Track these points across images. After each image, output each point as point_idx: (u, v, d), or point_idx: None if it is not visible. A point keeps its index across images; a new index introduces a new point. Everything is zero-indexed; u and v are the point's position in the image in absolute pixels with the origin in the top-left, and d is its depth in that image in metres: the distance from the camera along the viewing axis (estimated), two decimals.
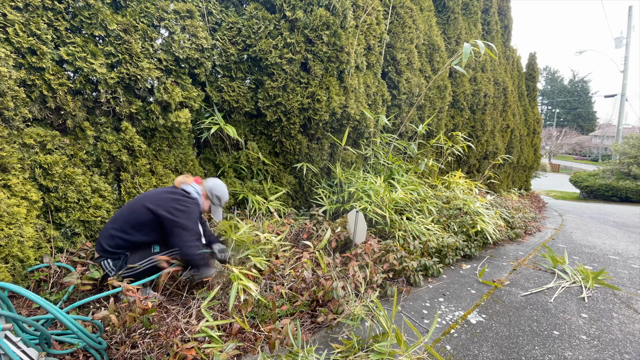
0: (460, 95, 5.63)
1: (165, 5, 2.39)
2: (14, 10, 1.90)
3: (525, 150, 9.01)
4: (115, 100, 2.30)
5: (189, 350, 1.42)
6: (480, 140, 6.33)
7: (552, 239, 4.63)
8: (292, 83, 3.05)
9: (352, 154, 3.75)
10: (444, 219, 3.67)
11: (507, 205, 5.45)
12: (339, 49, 3.17)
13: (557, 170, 33.67)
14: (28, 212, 1.96)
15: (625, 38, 15.89)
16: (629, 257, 3.87)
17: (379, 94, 3.96)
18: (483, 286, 2.74)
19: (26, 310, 1.81)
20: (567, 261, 3.27)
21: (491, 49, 5.09)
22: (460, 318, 2.20)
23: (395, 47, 4.14)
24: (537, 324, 2.18)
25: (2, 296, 1.26)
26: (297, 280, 2.19)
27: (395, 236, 3.06)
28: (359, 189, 3.28)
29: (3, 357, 1.17)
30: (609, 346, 1.97)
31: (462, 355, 1.80)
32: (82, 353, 1.55)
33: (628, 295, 2.73)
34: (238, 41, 2.86)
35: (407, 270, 2.61)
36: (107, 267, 1.89)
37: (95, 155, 2.29)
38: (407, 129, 4.59)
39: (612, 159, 15.19)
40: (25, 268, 1.93)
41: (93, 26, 2.15)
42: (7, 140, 1.91)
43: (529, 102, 9.55)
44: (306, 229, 2.88)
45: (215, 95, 2.84)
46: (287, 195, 3.40)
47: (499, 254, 3.70)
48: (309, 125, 3.26)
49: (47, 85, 2.03)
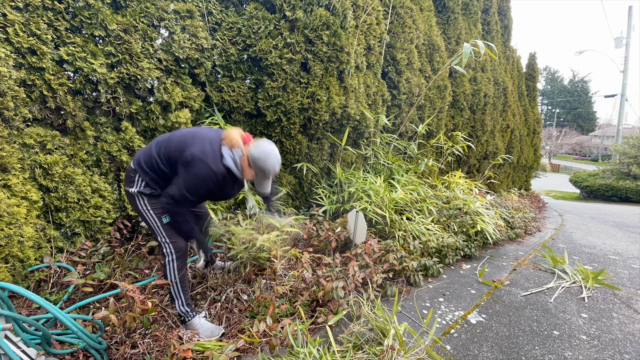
0: (460, 95, 5.63)
1: (165, 5, 2.39)
2: (14, 10, 1.90)
3: (525, 150, 9.01)
4: (115, 100, 2.30)
5: (185, 352, 1.42)
6: (480, 140, 6.33)
7: (552, 239, 4.63)
8: (292, 83, 3.05)
9: (352, 154, 3.75)
10: (444, 219, 3.67)
11: (507, 205, 5.45)
12: (339, 49, 3.17)
13: (557, 170, 33.67)
14: (28, 212, 1.96)
15: (625, 38, 15.90)
16: (629, 257, 3.87)
17: (379, 94, 3.96)
18: (483, 286, 2.74)
19: (26, 310, 1.82)
20: (567, 261, 3.27)
21: (491, 49, 5.09)
22: (460, 318, 2.20)
23: (395, 47, 4.14)
24: (537, 324, 2.18)
25: (2, 296, 1.26)
26: (297, 280, 2.20)
27: (395, 236, 3.06)
28: (359, 189, 3.28)
29: (3, 357, 1.17)
30: (609, 346, 1.97)
31: (462, 355, 1.80)
32: (82, 353, 1.55)
33: (628, 295, 2.73)
34: (238, 41, 2.86)
35: (407, 270, 2.61)
36: (138, 184, 1.70)
37: (95, 155, 2.29)
38: (407, 129, 4.59)
39: (612, 159, 15.20)
40: (26, 268, 1.94)
41: (93, 26, 2.15)
42: (7, 140, 1.91)
43: (529, 102, 9.55)
44: (306, 229, 2.88)
45: (215, 95, 2.84)
46: (287, 195, 3.40)
47: (499, 254, 3.70)
48: (309, 125, 3.26)
49: (47, 85, 2.03)
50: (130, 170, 1.73)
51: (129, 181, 1.72)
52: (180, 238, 1.79)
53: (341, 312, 1.90)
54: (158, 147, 1.72)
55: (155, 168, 1.70)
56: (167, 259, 1.76)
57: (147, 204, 1.72)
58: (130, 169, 1.74)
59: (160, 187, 1.73)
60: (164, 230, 1.74)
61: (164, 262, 1.77)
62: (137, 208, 1.74)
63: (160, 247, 1.77)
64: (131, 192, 1.71)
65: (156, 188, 1.73)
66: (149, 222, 1.75)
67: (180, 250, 1.77)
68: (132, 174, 1.72)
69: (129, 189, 1.72)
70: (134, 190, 1.71)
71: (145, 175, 1.70)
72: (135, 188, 1.71)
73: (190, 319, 1.78)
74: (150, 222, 1.75)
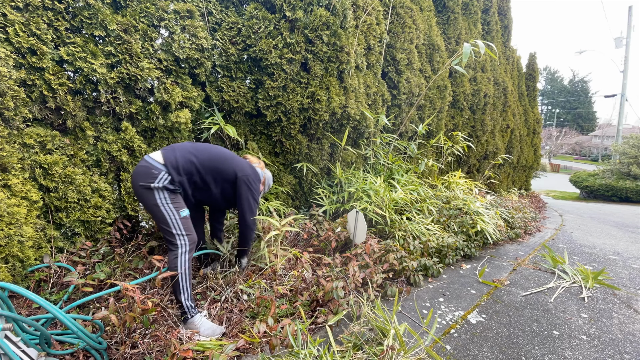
0: (460, 95, 5.63)
1: (165, 5, 2.39)
2: (14, 10, 1.90)
3: (525, 150, 9.02)
4: (115, 100, 2.30)
5: (185, 352, 1.42)
6: (480, 140, 6.33)
7: (552, 239, 4.63)
8: (292, 83, 3.05)
9: (352, 154, 3.75)
10: (444, 219, 3.67)
11: (507, 205, 5.45)
12: (339, 49, 3.17)
13: (557, 170, 33.68)
14: (28, 212, 1.96)
15: (625, 38, 15.91)
16: (629, 257, 3.87)
17: (379, 94, 3.96)
18: (483, 286, 2.74)
19: (26, 310, 1.82)
20: (567, 261, 3.27)
21: (491, 49, 5.09)
22: (460, 318, 2.20)
23: (395, 47, 4.14)
24: (537, 323, 2.18)
25: (2, 296, 1.26)
26: (297, 280, 2.20)
27: (395, 236, 3.06)
28: (359, 189, 3.29)
29: (3, 357, 1.17)
30: (609, 346, 1.97)
31: (462, 355, 1.80)
32: (82, 353, 1.55)
33: (628, 295, 2.73)
34: (238, 41, 2.86)
35: (407, 270, 2.61)
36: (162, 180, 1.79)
37: (95, 155, 2.29)
38: (407, 129, 4.59)
39: (612, 159, 15.20)
40: (25, 268, 1.94)
41: (93, 26, 2.15)
42: (7, 140, 1.91)
43: (529, 102, 9.56)
44: (306, 229, 2.88)
45: (215, 95, 2.84)
46: (287, 195, 3.40)
47: (499, 254, 3.70)
48: (309, 125, 3.26)
49: (47, 85, 2.03)
50: (152, 168, 1.77)
51: (150, 177, 1.76)
52: (194, 232, 1.89)
53: (341, 312, 1.90)
54: (197, 154, 1.93)
55: (193, 173, 1.91)
56: (181, 250, 1.81)
57: (167, 198, 1.79)
58: (150, 166, 1.78)
59: (184, 188, 1.89)
60: (182, 224, 1.82)
61: (177, 253, 1.80)
62: (153, 202, 1.78)
63: (172, 239, 1.81)
64: (152, 186, 1.75)
65: (179, 187, 1.85)
66: (165, 216, 1.79)
67: (193, 243, 1.86)
68: (154, 171, 1.77)
69: (149, 184, 1.75)
70: (157, 185, 1.76)
71: (178, 176, 1.83)
72: (159, 183, 1.76)
73: (192, 315, 1.79)
74: (167, 216, 1.79)
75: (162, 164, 1.80)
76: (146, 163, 1.79)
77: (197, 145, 2.00)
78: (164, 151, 1.86)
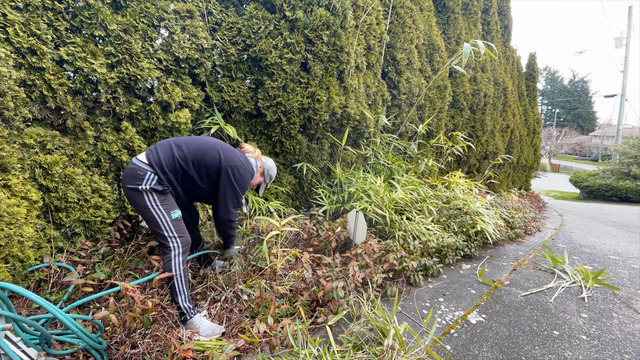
0: (460, 95, 5.63)
1: (165, 5, 2.39)
2: (14, 10, 1.90)
3: (525, 150, 9.01)
4: (115, 100, 2.30)
5: (185, 352, 1.42)
6: (480, 140, 6.33)
7: (552, 239, 4.63)
8: (292, 83, 3.05)
9: (352, 154, 3.75)
10: (444, 219, 3.67)
11: (507, 205, 5.45)
12: (339, 49, 3.17)
13: (557, 170, 33.68)
14: (28, 212, 1.96)
15: (625, 38, 15.91)
16: (629, 257, 3.87)
17: (379, 94, 3.96)
18: (483, 286, 2.74)
19: (26, 310, 1.81)
20: (567, 261, 3.27)
21: (491, 49, 5.09)
22: (460, 318, 2.20)
23: (395, 47, 4.14)
24: (537, 323, 2.18)
25: (2, 296, 1.26)
26: (297, 280, 2.19)
27: (395, 236, 3.06)
28: (359, 189, 3.29)
29: (3, 357, 1.17)
30: (609, 346, 1.97)
31: (462, 355, 1.80)
32: (82, 353, 1.55)
33: (628, 295, 2.73)
34: (238, 41, 2.86)
35: (407, 270, 2.61)
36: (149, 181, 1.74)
37: (95, 155, 2.29)
38: (407, 129, 4.59)
39: (612, 159, 15.20)
40: (25, 268, 1.93)
41: (93, 26, 2.15)
42: (7, 140, 1.91)
43: (529, 102, 9.56)
44: (306, 229, 2.88)
45: (215, 95, 2.84)
46: (287, 195, 3.40)
47: (499, 254, 3.70)
48: (309, 125, 3.26)
49: (47, 85, 2.03)
50: (138, 169, 1.74)
51: (137, 179, 1.73)
52: (187, 233, 1.86)
53: (341, 312, 1.90)
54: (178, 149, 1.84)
55: (177, 168, 1.82)
56: (174, 252, 1.79)
57: (156, 200, 1.76)
58: (136, 168, 1.75)
59: (173, 186, 1.83)
60: (173, 226, 1.79)
61: (170, 256, 1.79)
62: (142, 204, 1.75)
63: (165, 242, 1.78)
64: (140, 189, 1.72)
65: (168, 186, 1.81)
66: (156, 218, 1.76)
67: (186, 244, 1.83)
68: (140, 172, 1.74)
69: (136, 186, 1.73)
70: (145, 187, 1.73)
71: (163, 175, 1.77)
72: (146, 185, 1.73)
73: (191, 316, 1.79)
74: (158, 218, 1.76)
75: (147, 164, 1.76)
76: (133, 165, 1.77)
77: (180, 138, 1.91)
78: (148, 150, 1.82)
